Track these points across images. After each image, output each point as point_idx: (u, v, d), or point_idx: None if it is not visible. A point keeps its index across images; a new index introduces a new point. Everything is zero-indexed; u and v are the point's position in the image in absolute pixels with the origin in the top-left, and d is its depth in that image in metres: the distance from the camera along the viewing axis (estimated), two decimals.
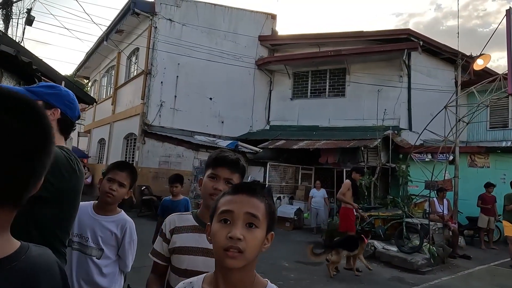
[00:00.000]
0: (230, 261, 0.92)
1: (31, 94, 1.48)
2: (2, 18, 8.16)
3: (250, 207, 0.96)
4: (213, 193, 1.44)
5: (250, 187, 1.01)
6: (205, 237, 1.42)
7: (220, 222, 0.96)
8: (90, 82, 21.56)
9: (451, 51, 11.90)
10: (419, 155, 9.51)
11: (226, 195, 1.01)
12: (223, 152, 1.53)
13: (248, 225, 0.94)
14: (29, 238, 1.29)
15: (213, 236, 0.96)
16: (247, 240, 0.92)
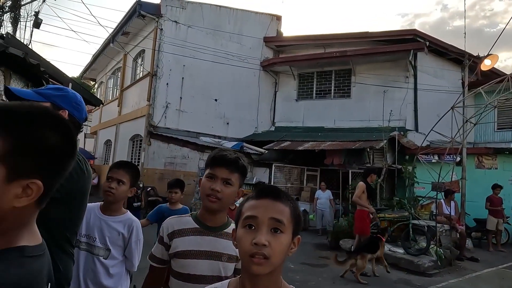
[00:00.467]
0: (256, 267, 0.90)
1: (39, 96, 1.49)
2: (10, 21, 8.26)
3: (274, 212, 0.94)
4: (210, 193, 1.39)
5: (274, 191, 0.99)
6: (207, 240, 1.41)
7: (244, 228, 0.94)
8: (97, 84, 21.75)
9: (458, 51, 11.80)
10: (425, 156, 9.43)
11: (250, 200, 0.99)
12: (222, 151, 1.47)
13: (273, 230, 0.92)
14: None
15: (238, 242, 0.95)
16: (273, 246, 0.90)
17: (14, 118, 0.70)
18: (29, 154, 0.70)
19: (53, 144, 0.72)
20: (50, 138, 0.71)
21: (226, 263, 1.40)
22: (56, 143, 0.73)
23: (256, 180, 11.92)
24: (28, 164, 0.70)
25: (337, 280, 5.66)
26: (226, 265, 1.40)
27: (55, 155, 0.73)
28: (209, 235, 1.42)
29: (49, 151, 0.72)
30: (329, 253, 7.55)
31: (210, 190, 1.39)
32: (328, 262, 6.31)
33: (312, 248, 8.05)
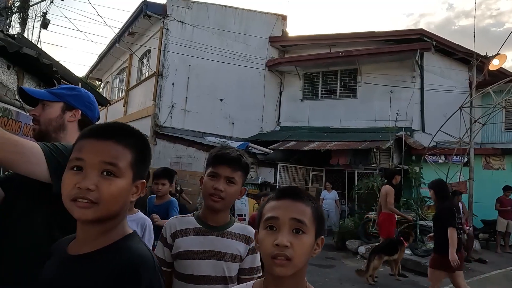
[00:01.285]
0: (278, 269, 0.90)
1: (53, 95, 1.50)
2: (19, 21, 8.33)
3: (295, 212, 0.93)
4: (213, 193, 1.36)
5: (294, 191, 0.98)
6: (210, 239, 1.38)
7: (266, 229, 0.94)
8: (102, 83, 21.86)
9: (465, 51, 11.71)
10: (432, 156, 9.38)
11: (270, 201, 0.99)
12: (224, 149, 1.44)
13: (295, 231, 0.92)
14: (52, 237, 1.31)
15: (260, 244, 0.95)
16: (295, 247, 0.90)
17: (136, 137, 0.96)
18: (144, 162, 0.96)
19: (150, 155, 1.00)
20: (150, 150, 1.00)
21: (229, 262, 1.38)
22: (149, 156, 1.00)
23: (261, 180, 11.91)
24: (143, 169, 0.95)
25: (344, 280, 5.65)
26: (230, 265, 1.38)
27: (149, 161, 1.01)
28: (211, 235, 1.40)
29: (150, 160, 1.00)
30: (336, 253, 7.53)
31: (213, 190, 1.36)
32: (334, 262, 6.29)
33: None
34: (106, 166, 0.86)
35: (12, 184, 1.42)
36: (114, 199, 0.86)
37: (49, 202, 1.31)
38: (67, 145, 1.35)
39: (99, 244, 0.87)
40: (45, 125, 1.46)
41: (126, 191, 0.89)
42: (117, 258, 0.84)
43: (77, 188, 0.84)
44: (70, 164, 0.89)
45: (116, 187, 0.86)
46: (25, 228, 1.31)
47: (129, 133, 0.95)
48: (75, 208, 0.85)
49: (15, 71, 2.38)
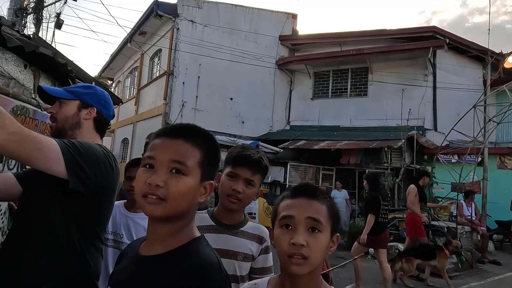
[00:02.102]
0: (295, 267, 0.90)
1: (69, 94, 1.53)
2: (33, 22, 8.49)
3: (311, 211, 0.93)
4: (231, 194, 1.36)
5: (310, 189, 0.98)
6: (223, 238, 1.38)
7: (281, 228, 0.94)
8: (114, 83, 22.13)
9: (479, 48, 11.49)
10: (445, 156, 9.23)
11: (285, 199, 0.99)
12: (246, 150, 1.42)
13: (311, 230, 0.92)
14: (69, 233, 1.34)
15: (276, 242, 0.95)
16: (311, 246, 0.90)
17: (205, 137, 0.96)
18: (212, 163, 0.96)
19: (220, 157, 0.99)
20: (219, 152, 0.98)
21: (241, 262, 1.38)
22: (220, 157, 0.99)
23: (271, 179, 11.91)
24: (211, 170, 0.96)
25: (354, 280, 5.60)
26: (242, 264, 1.38)
27: (219, 162, 1.00)
28: (225, 233, 1.40)
29: (219, 162, 0.99)
30: (346, 253, 7.48)
31: (231, 190, 1.36)
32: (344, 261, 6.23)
33: None
34: (174, 164, 0.88)
35: (31, 180, 1.45)
36: (182, 196, 0.87)
37: (66, 198, 1.33)
38: (83, 142, 1.38)
39: (169, 245, 0.89)
40: (62, 123, 1.50)
41: (194, 190, 0.90)
42: (185, 262, 0.85)
43: (147, 184, 0.86)
44: (143, 162, 0.92)
45: (184, 185, 0.87)
46: (42, 224, 1.34)
47: (198, 133, 0.96)
48: (145, 204, 0.86)
49: (31, 70, 2.43)
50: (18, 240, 1.36)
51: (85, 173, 1.31)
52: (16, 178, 1.49)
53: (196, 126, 0.98)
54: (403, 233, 7.59)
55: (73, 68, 3.39)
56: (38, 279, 1.30)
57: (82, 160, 1.31)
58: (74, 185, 1.29)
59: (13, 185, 1.48)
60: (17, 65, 2.28)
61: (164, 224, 0.90)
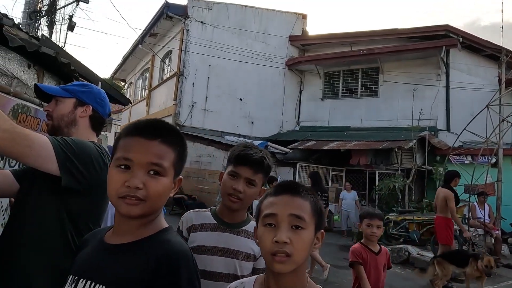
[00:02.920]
0: (278, 265, 0.89)
1: (65, 92, 1.54)
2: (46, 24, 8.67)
3: (294, 208, 0.92)
4: (232, 193, 1.35)
5: (292, 186, 0.97)
6: (224, 236, 1.38)
7: (265, 226, 0.93)
8: (126, 84, 22.45)
9: (494, 47, 11.22)
10: (458, 157, 9.04)
11: (268, 197, 0.97)
12: (247, 149, 1.40)
13: (294, 227, 0.90)
14: (63, 229, 1.35)
15: (259, 240, 0.94)
16: (294, 243, 0.89)
17: (178, 136, 0.98)
18: (183, 159, 0.99)
19: (187, 152, 1.02)
20: (187, 148, 1.02)
21: (242, 261, 1.37)
22: (186, 154, 1.01)
23: (280, 179, 11.86)
24: (181, 166, 0.99)
25: None
26: (243, 264, 1.37)
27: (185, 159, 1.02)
28: (226, 232, 1.39)
29: (186, 157, 1.02)
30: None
31: (232, 190, 1.35)
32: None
33: (336, 249, 7.91)
34: (153, 167, 0.90)
35: (26, 177, 1.47)
36: (160, 196, 0.91)
37: (60, 195, 1.34)
38: (76, 139, 1.39)
39: (139, 235, 0.92)
40: (58, 120, 1.51)
41: (169, 189, 0.94)
42: (158, 249, 0.87)
43: (126, 186, 0.87)
44: (117, 162, 0.92)
45: (162, 185, 0.91)
46: (36, 220, 1.35)
47: (172, 132, 0.98)
48: (123, 205, 0.88)
49: (35, 70, 2.48)
50: (12, 237, 1.37)
51: (77, 170, 1.32)
52: (13, 175, 1.51)
53: (170, 125, 0.99)
54: (413, 235, 7.46)
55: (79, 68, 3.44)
56: (32, 276, 1.30)
57: (75, 157, 1.31)
58: (67, 182, 1.30)
59: (10, 182, 1.50)
60: (20, 65, 2.32)
61: (137, 219, 0.92)
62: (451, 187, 5.44)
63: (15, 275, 1.30)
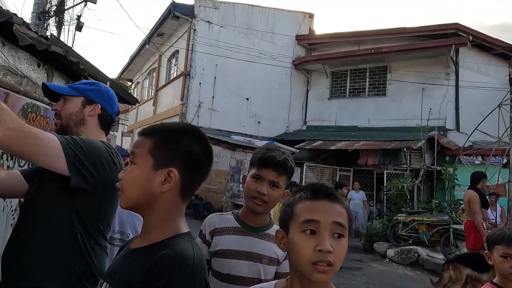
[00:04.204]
0: (319, 275, 0.84)
1: (73, 90, 1.53)
2: (55, 25, 8.73)
3: (336, 215, 0.88)
4: (256, 196, 1.34)
5: (331, 192, 0.92)
6: (248, 240, 1.36)
7: (303, 233, 0.87)
8: (133, 84, 22.56)
9: (504, 45, 11.04)
10: (468, 157, 8.91)
11: (304, 201, 0.91)
12: (270, 151, 1.38)
13: (335, 235, 0.87)
14: (72, 229, 1.33)
15: (295, 248, 0.88)
16: (336, 252, 0.85)
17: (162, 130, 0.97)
18: (165, 148, 0.93)
19: (185, 144, 0.94)
20: (183, 140, 0.95)
21: (266, 265, 1.36)
22: (187, 144, 0.94)
23: None
24: (167, 156, 0.92)
25: (371, 284, 5.47)
26: (267, 268, 1.36)
27: (189, 153, 0.94)
28: (250, 235, 1.38)
29: (181, 148, 0.94)
30: (363, 256, 7.34)
31: (256, 193, 1.34)
32: (361, 265, 6.10)
33: None
34: (131, 158, 0.96)
35: (35, 177, 1.45)
36: (130, 185, 0.92)
37: (69, 195, 1.33)
38: (85, 138, 1.37)
39: (152, 239, 0.91)
40: (66, 119, 1.49)
41: (143, 178, 0.91)
42: (156, 254, 0.84)
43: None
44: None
45: (130, 173, 0.93)
46: (45, 220, 1.34)
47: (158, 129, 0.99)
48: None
49: (45, 69, 2.47)
50: (22, 237, 1.36)
51: (86, 169, 1.30)
52: (22, 175, 1.50)
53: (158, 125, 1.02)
54: (423, 236, 7.37)
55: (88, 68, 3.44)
56: (42, 275, 1.30)
57: (84, 156, 1.30)
58: (76, 182, 1.28)
59: (19, 182, 1.49)
60: (30, 64, 2.32)
61: (143, 216, 0.96)
62: (478, 189, 5.21)
63: (25, 276, 1.30)
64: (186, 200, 0.97)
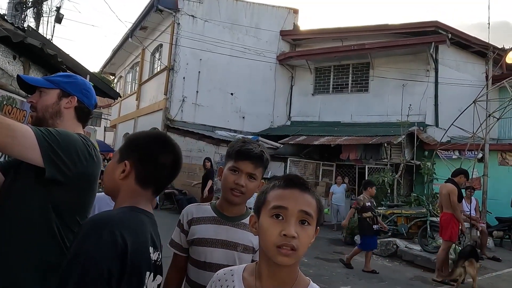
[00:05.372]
0: (282, 258, 0.89)
1: (49, 83, 1.52)
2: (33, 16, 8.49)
3: (304, 204, 0.93)
4: (234, 187, 1.39)
5: (302, 182, 0.98)
6: (224, 229, 1.41)
7: (272, 218, 0.92)
8: (116, 78, 22.15)
9: (481, 43, 11.38)
10: (445, 152, 9.19)
11: (276, 188, 0.97)
12: (247, 144, 1.43)
13: (301, 222, 0.91)
14: (49, 221, 1.33)
15: (263, 231, 0.93)
16: (300, 238, 0.89)
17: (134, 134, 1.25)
18: (126, 146, 1.18)
19: (142, 144, 1.17)
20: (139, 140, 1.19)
21: (241, 253, 1.41)
22: (144, 145, 1.17)
23: (271, 174, 11.89)
24: (127, 152, 1.16)
25: (351, 275, 5.61)
26: (242, 256, 1.41)
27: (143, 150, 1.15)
28: (226, 225, 1.43)
29: (136, 146, 1.17)
30: (344, 248, 7.50)
31: (234, 184, 1.39)
32: (342, 257, 6.25)
33: (326, 243, 8.00)
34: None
35: (12, 169, 1.45)
36: (106, 174, 1.19)
37: (45, 187, 1.32)
38: (60, 130, 1.37)
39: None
40: (42, 112, 1.48)
41: (111, 169, 1.16)
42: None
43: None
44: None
45: (108, 165, 1.19)
46: (21, 213, 1.33)
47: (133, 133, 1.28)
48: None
49: (21, 62, 2.43)
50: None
51: (62, 161, 1.30)
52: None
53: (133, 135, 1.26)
54: (401, 228, 7.59)
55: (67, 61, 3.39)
56: (18, 270, 1.29)
57: (59, 147, 1.30)
58: (51, 173, 1.28)
59: None
60: (5, 56, 2.28)
61: (114, 200, 1.18)
62: (455, 182, 5.39)
63: (1, 269, 1.29)
64: (147, 187, 1.14)
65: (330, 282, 5.20)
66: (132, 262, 0.95)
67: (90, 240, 0.91)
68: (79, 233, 0.96)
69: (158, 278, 1.14)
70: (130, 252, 0.95)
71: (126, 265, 0.94)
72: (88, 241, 0.91)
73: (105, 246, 0.91)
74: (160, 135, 1.24)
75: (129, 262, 0.94)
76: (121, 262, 0.93)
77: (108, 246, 0.91)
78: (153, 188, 1.16)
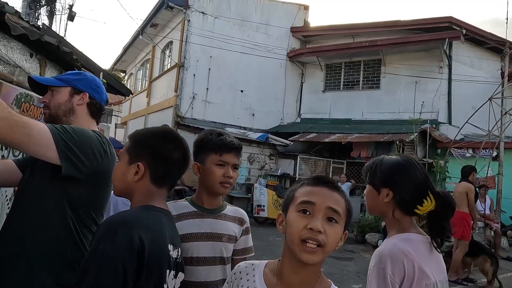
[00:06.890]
0: (308, 256, 0.88)
1: (60, 81, 1.53)
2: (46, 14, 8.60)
3: (332, 201, 0.92)
4: (224, 181, 1.40)
5: (331, 180, 0.98)
6: (207, 222, 1.43)
7: (298, 212, 0.92)
8: (127, 75, 22.32)
9: (497, 39, 11.13)
10: (459, 150, 9.04)
11: (304, 186, 0.97)
12: (226, 136, 1.46)
13: (328, 219, 0.90)
14: (64, 217, 1.34)
15: (289, 225, 0.92)
16: (328, 234, 0.88)
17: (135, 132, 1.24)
18: (135, 146, 1.18)
19: (153, 144, 1.17)
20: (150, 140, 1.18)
21: (226, 243, 1.43)
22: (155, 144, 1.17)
23: (281, 171, 11.89)
24: (137, 153, 1.16)
25: (362, 274, 5.58)
26: (227, 246, 1.43)
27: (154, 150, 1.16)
28: (208, 217, 1.44)
29: (147, 146, 1.16)
30: (354, 247, 7.46)
31: (224, 178, 1.40)
32: (353, 255, 6.21)
33: None
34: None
35: (28, 166, 1.46)
36: (115, 176, 1.21)
37: (61, 184, 1.34)
38: (75, 127, 1.38)
39: None
40: (55, 110, 1.50)
41: (121, 171, 1.17)
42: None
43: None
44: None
45: (116, 167, 1.20)
46: (38, 209, 1.35)
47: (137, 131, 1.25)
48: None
49: (37, 59, 2.46)
50: (14, 226, 1.37)
51: (77, 158, 1.31)
52: (16, 164, 1.51)
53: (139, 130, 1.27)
54: None
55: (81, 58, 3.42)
56: (35, 265, 1.30)
57: (74, 145, 1.30)
58: (67, 170, 1.29)
59: (13, 171, 1.50)
60: (23, 54, 2.31)
61: (130, 201, 1.18)
62: (470, 181, 5.39)
63: (17, 265, 1.30)
64: (162, 186, 1.17)
65: (341, 281, 5.18)
66: (151, 260, 0.97)
67: (106, 240, 0.94)
68: (96, 234, 0.99)
69: (180, 275, 1.15)
70: (148, 251, 0.96)
71: (144, 264, 0.95)
72: (104, 241, 0.94)
73: (121, 245, 0.94)
74: (166, 131, 1.24)
75: (147, 261, 0.96)
76: (138, 261, 0.95)
77: (124, 246, 0.94)
78: (168, 186, 1.19)
